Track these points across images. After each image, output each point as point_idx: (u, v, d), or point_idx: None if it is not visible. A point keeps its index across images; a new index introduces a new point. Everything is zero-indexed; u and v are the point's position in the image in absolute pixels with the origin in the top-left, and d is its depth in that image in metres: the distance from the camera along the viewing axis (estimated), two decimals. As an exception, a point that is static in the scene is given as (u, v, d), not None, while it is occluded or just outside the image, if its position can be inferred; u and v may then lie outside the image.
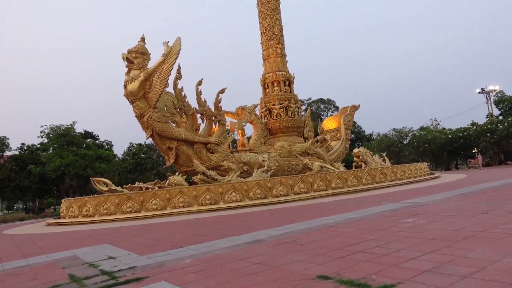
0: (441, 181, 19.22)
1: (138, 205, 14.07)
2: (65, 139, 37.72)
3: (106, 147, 48.05)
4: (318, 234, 6.61)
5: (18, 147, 43.02)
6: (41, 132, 39.18)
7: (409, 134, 51.01)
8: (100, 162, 37.88)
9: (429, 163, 54.63)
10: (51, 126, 38.80)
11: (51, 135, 39.29)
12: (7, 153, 43.97)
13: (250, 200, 14.28)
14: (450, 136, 43.56)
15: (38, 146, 42.41)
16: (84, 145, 39.55)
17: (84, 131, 46.20)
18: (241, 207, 13.63)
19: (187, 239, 7.58)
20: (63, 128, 38.46)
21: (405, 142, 50.97)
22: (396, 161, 51.06)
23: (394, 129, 53.12)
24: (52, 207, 45.67)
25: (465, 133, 42.31)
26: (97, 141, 46.80)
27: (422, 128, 52.42)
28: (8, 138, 43.45)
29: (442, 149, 43.90)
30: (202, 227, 9.33)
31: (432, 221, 6.71)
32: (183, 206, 13.93)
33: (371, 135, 64.73)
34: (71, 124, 39.21)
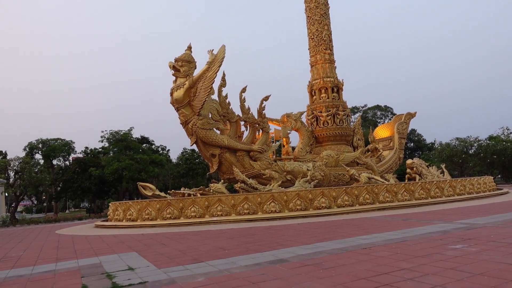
0: (509, 198, 17.13)
1: (177, 212, 14.14)
2: (122, 144, 39.77)
3: (161, 152, 50.04)
4: (348, 256, 5.95)
5: (82, 150, 46.34)
6: (101, 137, 41.74)
7: (475, 144, 46.71)
8: (153, 167, 39.37)
9: (498, 177, 49.68)
10: (111, 131, 41.17)
11: (111, 140, 41.63)
12: (73, 155, 47.55)
13: (289, 211, 13.71)
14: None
15: (100, 149, 45.24)
16: (140, 150, 41.39)
17: (140, 136, 48.53)
18: (280, 218, 13.11)
19: (211, 252, 7.29)
20: (121, 133, 40.58)
21: (470, 152, 46.73)
22: (459, 173, 47.10)
23: (457, 138, 48.99)
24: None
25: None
26: (152, 146, 48.90)
27: (491, 138, 47.88)
28: (74, 142, 46.97)
29: (513, 161, 39.75)
30: (231, 239, 9.00)
31: (485, 250, 5.75)
32: (221, 215, 13.73)
33: (432, 144, 60.58)
34: (128, 130, 41.27)
